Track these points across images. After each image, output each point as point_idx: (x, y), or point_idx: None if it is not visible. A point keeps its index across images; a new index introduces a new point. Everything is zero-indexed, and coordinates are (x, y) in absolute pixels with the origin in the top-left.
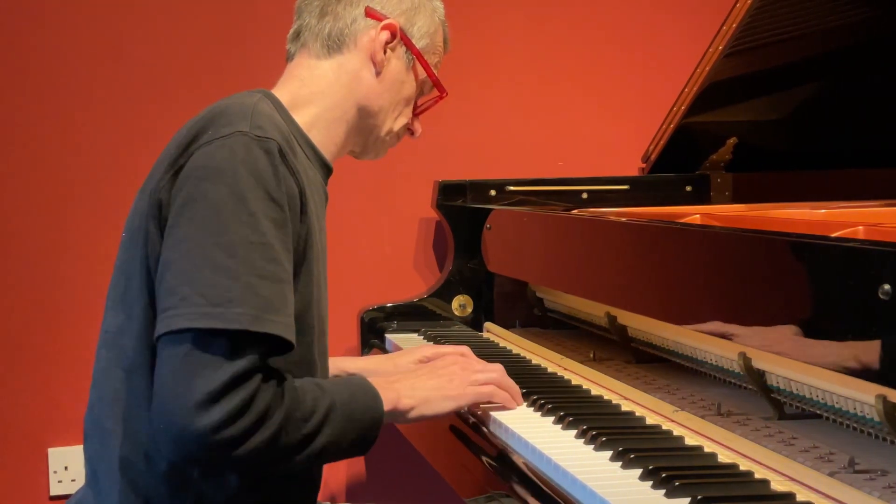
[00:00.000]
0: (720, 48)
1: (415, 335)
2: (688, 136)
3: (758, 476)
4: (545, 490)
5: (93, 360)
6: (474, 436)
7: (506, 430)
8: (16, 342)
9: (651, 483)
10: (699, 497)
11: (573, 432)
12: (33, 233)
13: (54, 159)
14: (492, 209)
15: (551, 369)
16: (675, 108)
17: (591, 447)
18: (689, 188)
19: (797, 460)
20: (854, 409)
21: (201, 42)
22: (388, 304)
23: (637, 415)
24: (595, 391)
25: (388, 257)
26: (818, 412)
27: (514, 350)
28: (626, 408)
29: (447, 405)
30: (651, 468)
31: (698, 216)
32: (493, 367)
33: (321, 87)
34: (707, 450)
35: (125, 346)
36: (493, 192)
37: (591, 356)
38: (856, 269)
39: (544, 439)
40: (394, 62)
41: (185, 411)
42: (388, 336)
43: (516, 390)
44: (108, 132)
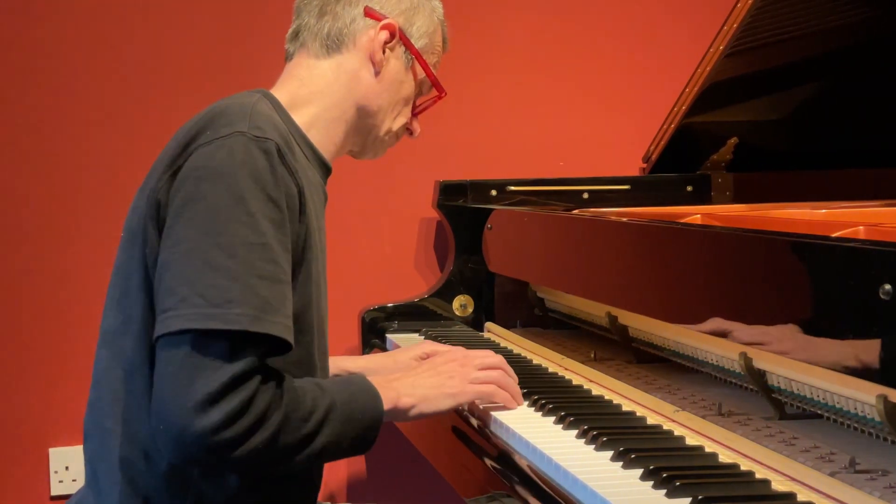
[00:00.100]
0: (721, 48)
1: (416, 335)
2: (689, 136)
3: (759, 476)
4: (546, 490)
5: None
6: (475, 436)
7: (507, 430)
8: (17, 342)
9: (652, 483)
10: (700, 497)
11: (574, 432)
12: (34, 233)
13: (54, 159)
14: (493, 209)
15: (552, 369)
16: (675, 108)
17: (592, 447)
18: (689, 188)
19: (798, 460)
20: (855, 409)
21: (201, 42)
22: (388, 304)
23: (638, 415)
24: (596, 391)
25: (388, 257)
26: (819, 412)
27: (515, 350)
28: (626, 408)
29: (447, 403)
30: (652, 468)
31: (699, 216)
32: (494, 363)
33: (320, 86)
34: (708, 450)
35: (125, 346)
36: (493, 192)
37: (592, 356)
38: (856, 269)
39: (545, 439)
40: (393, 62)
41: (185, 413)
42: (388, 336)
43: (517, 390)
44: (107, 132)
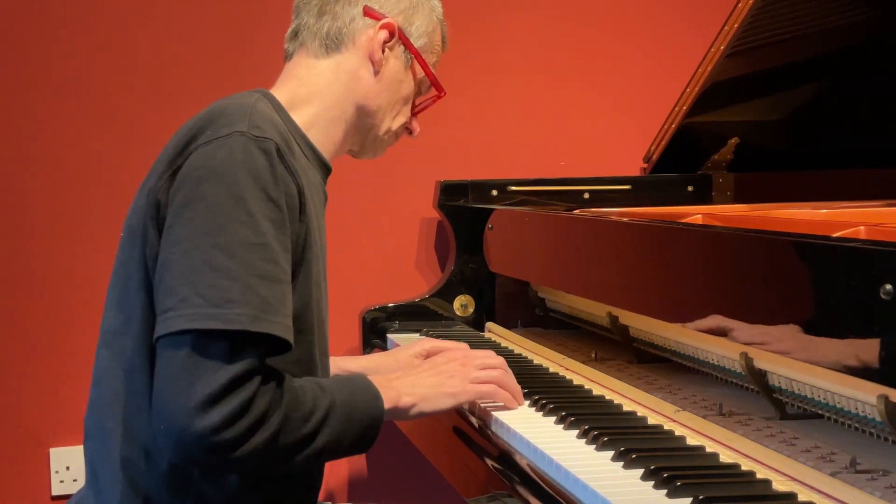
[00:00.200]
0: (722, 48)
1: (416, 335)
2: (689, 136)
3: (759, 476)
4: (547, 490)
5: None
6: (476, 436)
7: (507, 431)
8: (17, 342)
9: (653, 483)
10: (701, 497)
11: (575, 432)
12: (34, 233)
13: (54, 159)
14: (493, 209)
15: (553, 369)
16: (676, 108)
17: (593, 447)
18: (690, 188)
19: (799, 460)
20: (856, 409)
21: (201, 42)
22: (389, 304)
23: (639, 415)
24: (597, 391)
25: (389, 257)
26: (820, 412)
27: (516, 350)
28: (627, 408)
29: (447, 402)
30: (653, 468)
31: (700, 216)
32: (495, 363)
33: (319, 86)
34: (709, 450)
35: (125, 346)
36: (494, 192)
37: (593, 356)
38: (857, 270)
39: (546, 439)
40: (392, 61)
41: (185, 413)
42: (389, 336)
43: (518, 390)
44: (108, 132)
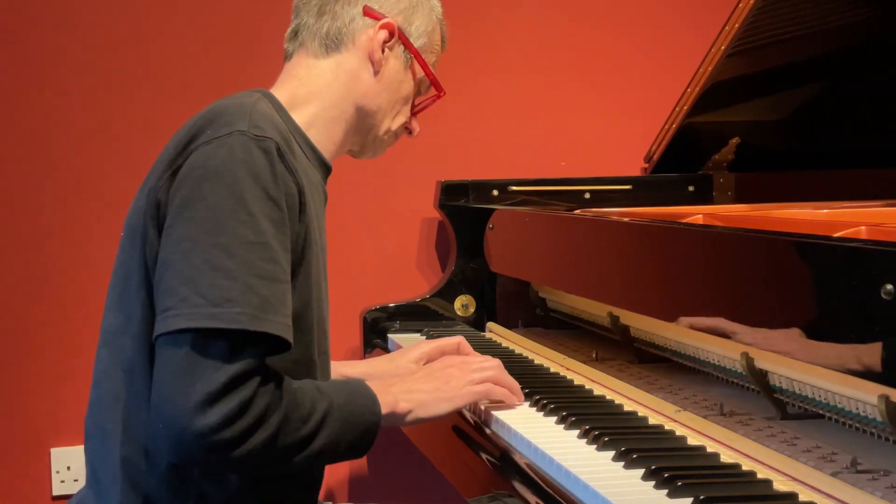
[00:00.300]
0: (723, 48)
1: (417, 335)
2: (690, 136)
3: (760, 476)
4: (548, 490)
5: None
6: (477, 436)
7: (508, 430)
8: (18, 342)
9: (654, 483)
10: (702, 497)
11: (576, 432)
12: (34, 233)
13: (54, 158)
14: (494, 209)
15: (554, 369)
16: (677, 108)
17: (594, 447)
18: (691, 188)
19: (800, 460)
20: (856, 409)
21: (201, 42)
22: (390, 304)
23: (639, 415)
24: (597, 391)
25: (390, 257)
26: (821, 412)
27: (517, 350)
28: (628, 408)
29: (444, 407)
30: (653, 468)
31: (701, 216)
32: (491, 365)
33: (319, 86)
34: (709, 450)
35: (125, 345)
36: (495, 192)
37: (594, 356)
38: (858, 270)
39: (547, 439)
40: (392, 61)
41: (185, 412)
42: (390, 336)
43: (515, 386)
44: (107, 131)
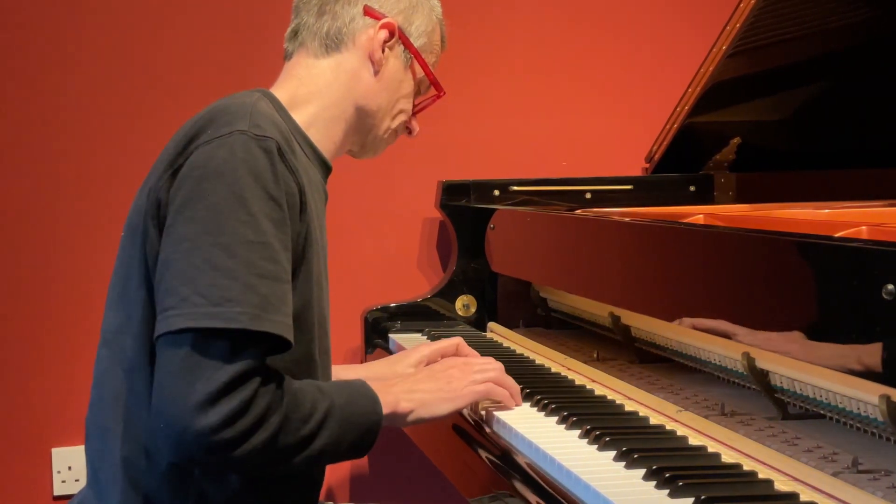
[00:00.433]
0: (724, 48)
1: (418, 335)
2: (691, 136)
3: (761, 476)
4: (549, 490)
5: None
6: (478, 436)
7: (509, 430)
8: (19, 342)
9: (655, 483)
10: (703, 497)
11: (577, 432)
12: (35, 233)
13: (54, 158)
14: (495, 209)
15: (555, 369)
16: (678, 108)
17: (595, 447)
18: (692, 188)
19: (801, 460)
20: (857, 409)
21: (201, 42)
22: (391, 305)
23: (641, 415)
24: (598, 391)
25: (391, 257)
26: (822, 412)
27: (518, 350)
28: (629, 408)
29: (445, 407)
30: (655, 468)
31: (702, 216)
32: (493, 367)
33: (319, 86)
34: (710, 450)
35: (125, 345)
36: (496, 192)
37: (595, 356)
38: (859, 270)
39: (548, 439)
40: (392, 61)
41: (185, 412)
42: (391, 336)
43: (516, 389)
44: (108, 131)
